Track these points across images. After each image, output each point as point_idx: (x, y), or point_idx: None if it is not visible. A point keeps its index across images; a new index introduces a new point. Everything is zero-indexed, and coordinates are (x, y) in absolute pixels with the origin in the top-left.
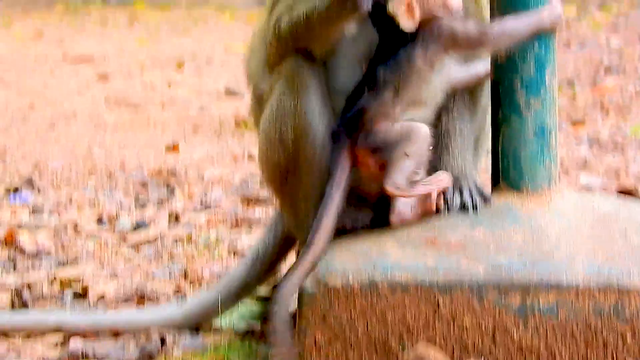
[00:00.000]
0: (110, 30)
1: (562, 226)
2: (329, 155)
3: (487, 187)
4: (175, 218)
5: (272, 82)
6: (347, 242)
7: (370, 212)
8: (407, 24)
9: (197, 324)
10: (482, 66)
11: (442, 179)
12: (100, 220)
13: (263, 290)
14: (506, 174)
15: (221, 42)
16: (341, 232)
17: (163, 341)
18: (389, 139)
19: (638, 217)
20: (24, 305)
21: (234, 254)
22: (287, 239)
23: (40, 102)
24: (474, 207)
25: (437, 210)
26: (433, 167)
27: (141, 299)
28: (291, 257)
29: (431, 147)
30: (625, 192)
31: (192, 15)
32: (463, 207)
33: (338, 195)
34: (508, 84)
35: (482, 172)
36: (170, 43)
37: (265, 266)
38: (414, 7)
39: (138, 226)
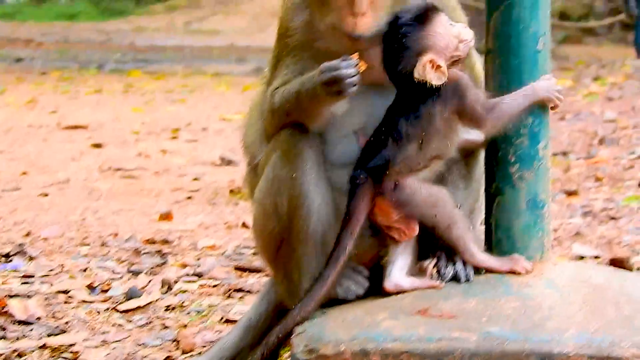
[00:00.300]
0: (105, 98)
1: (554, 296)
2: (325, 221)
3: None
4: (167, 287)
5: (268, 152)
6: (339, 310)
7: (365, 281)
8: (439, 79)
9: None
10: (477, 134)
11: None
12: (92, 288)
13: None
14: (499, 244)
15: (216, 111)
16: (333, 301)
17: None
18: (415, 198)
19: (630, 287)
20: None
21: (226, 322)
22: (280, 307)
23: (34, 169)
24: (467, 278)
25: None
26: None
27: None
28: None
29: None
30: (618, 263)
31: (188, 83)
32: (456, 276)
33: (351, 243)
34: (502, 156)
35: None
36: (166, 111)
37: (258, 334)
38: (438, 61)
39: (130, 294)
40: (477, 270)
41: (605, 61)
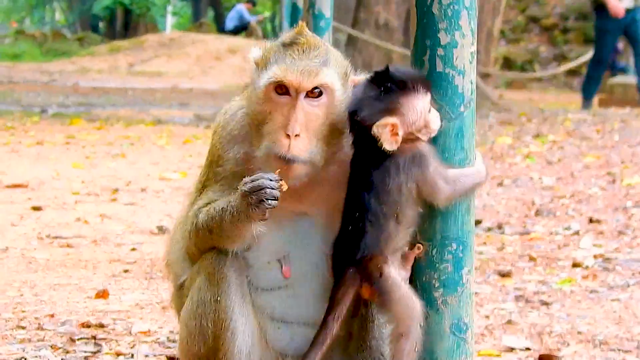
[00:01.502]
0: (47, 150)
1: None
2: (250, 343)
3: None
4: None
5: (193, 273)
6: None
7: None
8: (390, 145)
9: None
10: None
11: None
12: None
13: None
14: None
15: (156, 168)
16: None
17: None
18: (395, 291)
19: None
20: None
21: None
22: None
23: None
24: None
25: None
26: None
27: None
28: None
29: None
30: (547, 359)
31: (128, 134)
32: None
33: (337, 326)
34: (426, 280)
35: None
36: (106, 167)
37: None
38: (398, 130)
39: None
40: None
41: (547, 112)
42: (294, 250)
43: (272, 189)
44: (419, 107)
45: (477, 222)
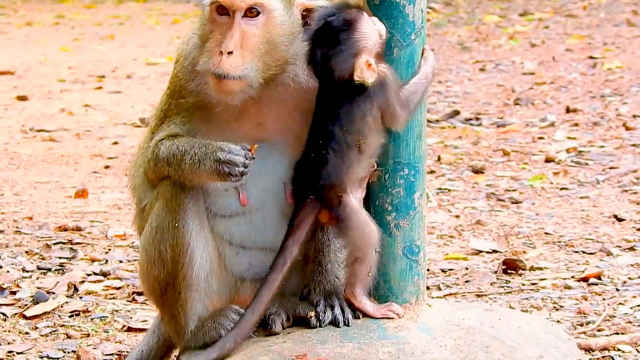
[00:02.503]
0: (36, 32)
1: (428, 340)
2: (207, 267)
3: None
4: (74, 288)
5: (152, 200)
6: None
7: None
8: (372, 77)
9: None
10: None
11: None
12: (1, 290)
13: None
14: (378, 288)
15: (144, 51)
16: None
17: None
18: (352, 219)
19: (500, 330)
20: None
21: (128, 330)
22: (167, 344)
23: None
24: (345, 322)
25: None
26: (306, 283)
27: None
28: None
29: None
30: (511, 263)
31: (119, 13)
32: (334, 321)
33: (296, 249)
34: (379, 205)
35: None
36: (93, 51)
37: None
38: (370, 61)
39: (37, 298)
40: (356, 314)
41: None
42: (251, 178)
43: (244, 167)
44: (369, 30)
45: (456, 113)
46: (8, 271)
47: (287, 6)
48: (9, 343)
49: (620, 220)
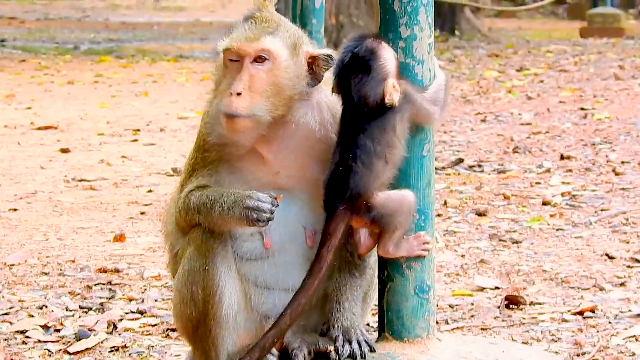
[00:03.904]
0: (77, 90)
1: None
2: (235, 306)
3: (374, 337)
4: (113, 326)
5: (184, 245)
6: None
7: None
8: (398, 97)
9: None
10: None
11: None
12: (46, 328)
13: None
14: (390, 325)
15: (175, 107)
16: None
17: None
18: (385, 211)
19: None
20: None
21: None
22: None
23: (6, 179)
24: (362, 355)
25: None
26: (326, 320)
27: None
28: None
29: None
30: (513, 299)
31: (152, 72)
32: (351, 355)
33: (330, 256)
34: None
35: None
36: (129, 107)
37: None
38: (395, 83)
39: (79, 335)
40: (371, 348)
41: (532, 44)
42: (273, 224)
43: (271, 213)
44: (388, 54)
45: (460, 161)
46: (52, 310)
47: (292, 53)
48: None
49: (611, 258)
